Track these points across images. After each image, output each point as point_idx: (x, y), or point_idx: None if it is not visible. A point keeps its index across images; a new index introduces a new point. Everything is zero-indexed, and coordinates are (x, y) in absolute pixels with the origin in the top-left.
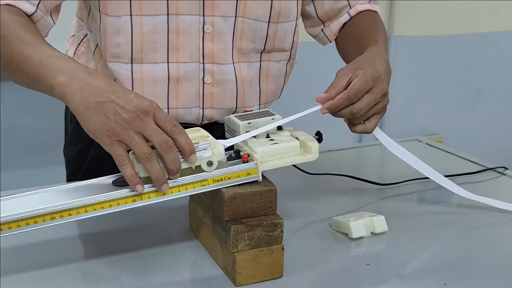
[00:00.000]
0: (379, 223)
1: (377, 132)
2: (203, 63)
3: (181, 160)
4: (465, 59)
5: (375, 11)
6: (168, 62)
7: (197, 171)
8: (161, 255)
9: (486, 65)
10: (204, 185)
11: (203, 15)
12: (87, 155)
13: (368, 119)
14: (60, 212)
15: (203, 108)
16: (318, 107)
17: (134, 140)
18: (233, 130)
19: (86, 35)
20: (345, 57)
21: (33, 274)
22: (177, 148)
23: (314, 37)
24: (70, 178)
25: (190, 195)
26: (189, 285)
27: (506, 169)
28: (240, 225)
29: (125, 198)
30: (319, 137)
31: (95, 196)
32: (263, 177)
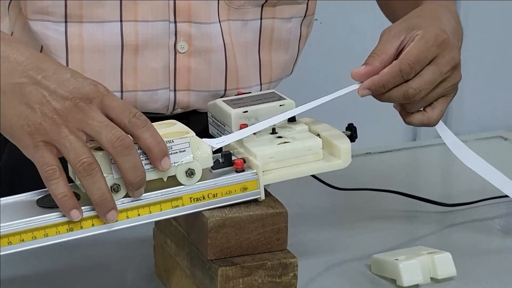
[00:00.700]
0: (444, 264)
1: (440, 127)
2: (175, 22)
3: (147, 168)
4: None
5: None
6: (121, 21)
7: (171, 184)
8: None
9: None
10: (176, 206)
11: None
12: None
13: (430, 104)
14: None
15: (174, 90)
16: (355, 86)
17: (67, 141)
18: (220, 122)
19: None
20: (392, 12)
21: None
22: (140, 149)
23: None
24: None
25: (156, 223)
26: None
27: None
28: (232, 267)
29: (56, 226)
30: (352, 132)
31: (12, 222)
32: (267, 193)
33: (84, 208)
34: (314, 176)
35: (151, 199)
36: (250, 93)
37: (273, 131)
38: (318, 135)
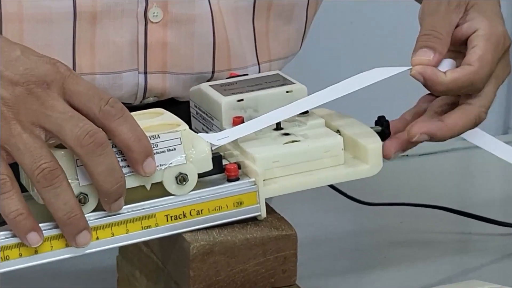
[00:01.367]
0: None
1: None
2: None
3: (124, 172)
4: None
5: None
6: None
7: (155, 194)
8: None
9: None
10: (148, 227)
11: None
12: None
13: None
14: None
15: (145, 72)
16: (404, 68)
17: (20, 141)
18: (207, 114)
19: None
20: None
21: None
22: (115, 147)
23: None
24: None
25: (120, 249)
26: None
27: None
28: None
29: (4, 249)
30: (383, 128)
31: None
32: (269, 210)
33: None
34: (332, 187)
35: (114, 217)
36: (247, 75)
37: (278, 127)
38: (338, 131)
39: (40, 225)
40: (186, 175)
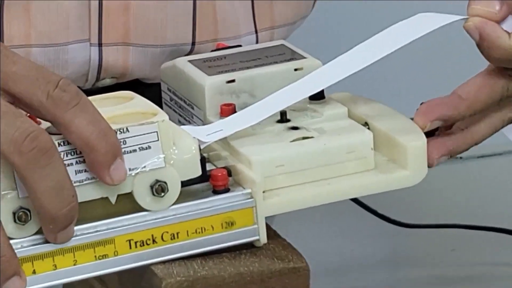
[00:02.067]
0: None
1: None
2: None
3: (81, 178)
4: None
5: None
6: None
7: (123, 210)
8: None
9: None
10: (104, 256)
11: None
12: None
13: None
14: None
15: (99, 44)
16: (458, 17)
17: None
18: (185, 101)
19: None
20: None
21: None
22: (70, 146)
23: None
24: None
25: (65, 286)
26: None
27: None
28: None
29: None
30: None
31: None
32: (272, 233)
33: None
34: (358, 202)
35: (59, 244)
36: (240, 46)
37: (283, 118)
38: (366, 124)
39: None
40: (165, 183)
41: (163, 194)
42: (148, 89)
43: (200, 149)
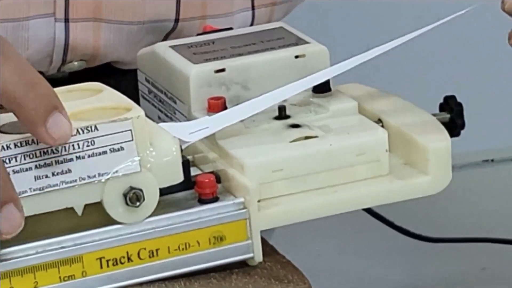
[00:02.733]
0: None
1: None
2: None
3: (47, 186)
4: None
5: None
6: None
7: (90, 222)
8: None
9: None
10: (70, 277)
11: None
12: None
13: None
14: None
15: (66, 19)
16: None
17: None
18: (166, 93)
19: None
20: None
21: None
22: (28, 150)
23: None
24: None
25: None
26: None
27: None
28: None
29: None
30: (452, 116)
31: None
32: (268, 249)
33: None
34: (371, 212)
35: (15, 261)
36: (231, 29)
37: (281, 114)
38: (380, 121)
39: None
40: (141, 191)
41: (138, 203)
42: (124, 77)
43: (182, 150)
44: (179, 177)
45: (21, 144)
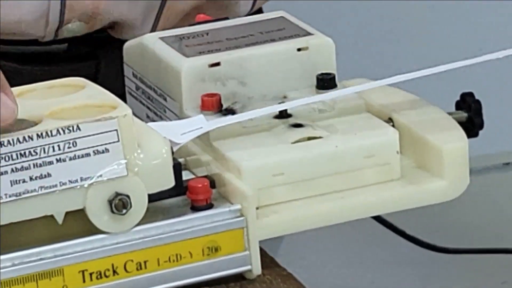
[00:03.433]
0: None
1: None
2: None
3: (25, 192)
4: None
5: None
6: None
7: (74, 232)
8: None
9: None
10: None
11: None
12: None
13: None
14: None
15: None
16: None
17: None
18: (155, 89)
19: None
20: None
21: None
22: (4, 152)
23: None
24: None
25: None
26: None
27: None
28: None
29: None
30: (470, 115)
31: None
32: (268, 261)
33: None
34: (380, 220)
35: None
36: (227, 19)
37: (282, 112)
38: (391, 120)
39: None
40: (128, 197)
41: (125, 211)
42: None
43: (173, 152)
44: (170, 182)
45: None
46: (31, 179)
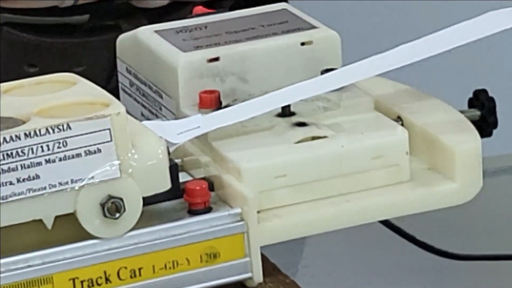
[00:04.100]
0: None
1: None
2: None
3: (11, 195)
4: None
5: None
6: None
7: (64, 237)
8: None
9: None
10: None
11: None
12: None
13: None
14: None
15: None
16: None
17: None
18: (150, 86)
19: None
20: None
21: None
22: None
23: None
24: None
25: None
26: None
27: None
28: None
29: None
30: (483, 113)
31: None
32: (270, 268)
33: None
34: (389, 225)
35: None
36: (225, 11)
37: (285, 110)
38: (399, 119)
39: None
40: (121, 200)
41: (118, 215)
42: (145, 14)
43: (169, 153)
44: (166, 184)
45: None
46: (18, 181)
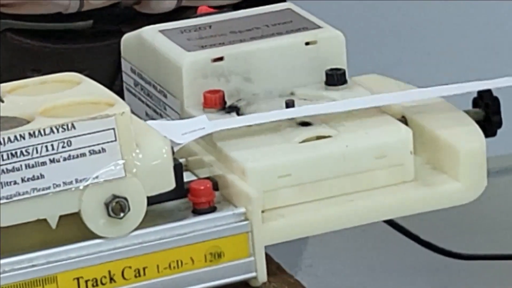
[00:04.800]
0: None
1: None
2: None
3: (16, 194)
4: None
5: None
6: None
7: (68, 236)
8: None
9: None
10: None
11: None
12: None
13: None
14: None
15: None
16: None
17: None
18: (155, 86)
19: None
20: None
21: None
22: None
23: None
24: None
25: None
26: None
27: None
28: None
29: None
30: (487, 113)
31: None
32: (274, 268)
33: None
34: (393, 225)
35: None
36: (229, 11)
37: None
38: (404, 118)
39: None
40: (125, 199)
41: (122, 214)
42: (149, 19)
43: (173, 152)
44: (170, 184)
45: None
46: (23, 180)
